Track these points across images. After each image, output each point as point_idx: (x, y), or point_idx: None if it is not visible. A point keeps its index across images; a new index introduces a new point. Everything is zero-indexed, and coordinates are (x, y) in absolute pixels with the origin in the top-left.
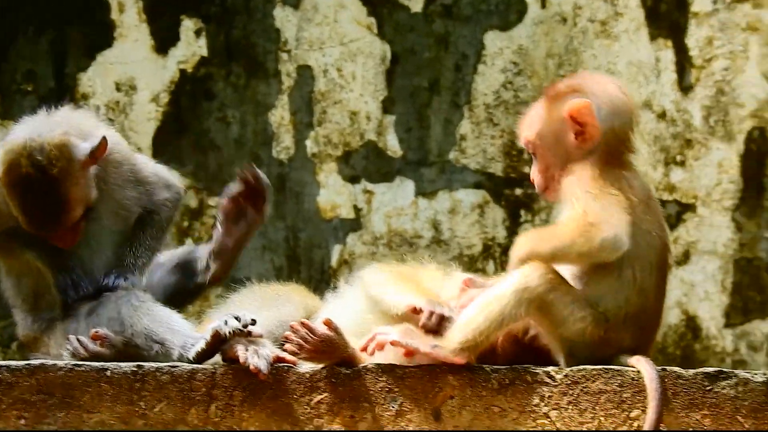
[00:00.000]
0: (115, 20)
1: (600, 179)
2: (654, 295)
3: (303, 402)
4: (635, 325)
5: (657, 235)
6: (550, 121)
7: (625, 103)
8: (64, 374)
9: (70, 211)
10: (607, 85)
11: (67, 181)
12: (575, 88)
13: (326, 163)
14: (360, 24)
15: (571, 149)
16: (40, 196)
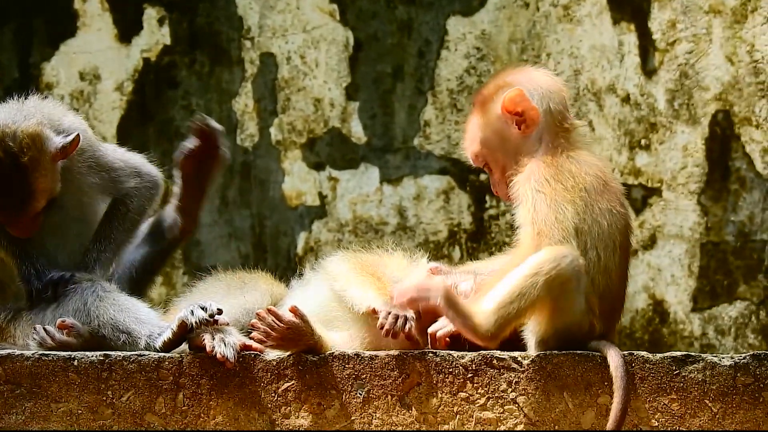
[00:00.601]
0: (78, 10)
1: (547, 171)
2: (618, 276)
3: (270, 390)
4: (602, 307)
5: (617, 212)
6: (488, 124)
7: (554, 83)
8: (31, 364)
9: (35, 201)
10: (532, 73)
11: (36, 171)
12: (501, 84)
13: (291, 150)
14: (323, 11)
15: (518, 142)
16: (7, 183)
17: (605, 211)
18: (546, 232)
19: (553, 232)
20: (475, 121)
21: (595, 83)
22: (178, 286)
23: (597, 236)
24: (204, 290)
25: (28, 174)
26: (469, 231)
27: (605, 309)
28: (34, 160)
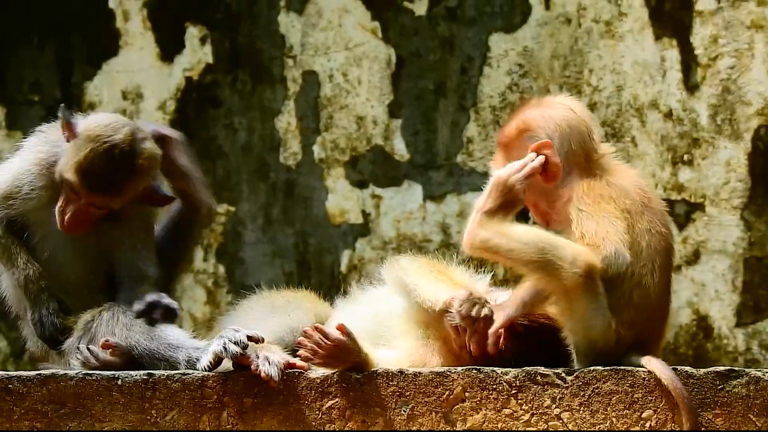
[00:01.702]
0: (120, 28)
1: (588, 195)
2: (657, 294)
3: (314, 407)
4: (641, 323)
5: (656, 232)
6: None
7: (574, 118)
8: (75, 384)
9: (121, 192)
10: (552, 110)
11: (138, 175)
12: (522, 128)
13: (334, 168)
14: (364, 28)
15: (543, 186)
16: (115, 163)
17: (644, 231)
18: (597, 243)
19: (605, 243)
20: (499, 161)
21: (638, 99)
22: (222, 305)
23: (635, 256)
24: (248, 309)
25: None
26: None
27: (644, 324)
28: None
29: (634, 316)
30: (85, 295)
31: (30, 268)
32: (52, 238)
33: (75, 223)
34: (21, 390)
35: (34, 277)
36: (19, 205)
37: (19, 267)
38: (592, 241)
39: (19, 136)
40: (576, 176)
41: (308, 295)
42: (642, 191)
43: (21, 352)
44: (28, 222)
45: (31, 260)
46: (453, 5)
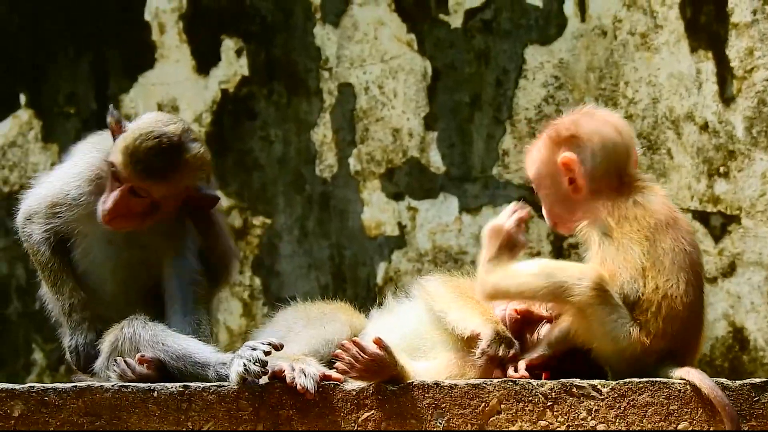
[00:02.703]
0: (156, 41)
1: (612, 217)
2: (687, 305)
3: (350, 420)
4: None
5: (681, 250)
6: (548, 164)
7: (618, 141)
8: (111, 396)
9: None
10: (602, 126)
11: (184, 168)
12: (573, 132)
13: (369, 180)
14: (400, 41)
15: (568, 193)
16: (162, 152)
17: (669, 249)
18: (615, 271)
19: (622, 271)
20: (539, 150)
21: (674, 111)
22: (258, 317)
23: (658, 272)
24: (283, 321)
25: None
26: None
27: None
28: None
29: (663, 328)
30: (122, 306)
31: (75, 297)
32: (94, 248)
33: (115, 211)
34: (57, 402)
35: (78, 306)
36: (65, 213)
37: (64, 295)
38: (612, 268)
39: (55, 148)
40: (604, 196)
41: (343, 307)
42: (669, 210)
43: (57, 364)
44: (73, 231)
45: (77, 288)
46: (488, 18)
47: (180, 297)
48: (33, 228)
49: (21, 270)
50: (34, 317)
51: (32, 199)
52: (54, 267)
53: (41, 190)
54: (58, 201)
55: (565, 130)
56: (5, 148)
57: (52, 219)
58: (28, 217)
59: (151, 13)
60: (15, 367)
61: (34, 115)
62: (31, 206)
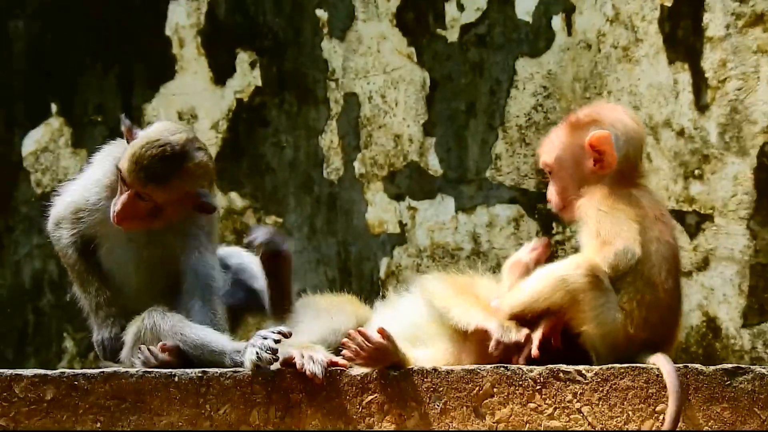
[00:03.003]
0: (176, 55)
1: (610, 198)
2: (669, 296)
3: (355, 402)
4: (653, 324)
5: (665, 241)
6: (571, 147)
7: (637, 132)
8: (136, 381)
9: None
10: (623, 116)
11: (184, 176)
12: (595, 118)
13: (373, 182)
14: (401, 53)
15: (588, 174)
16: (163, 157)
17: (654, 238)
18: (610, 240)
19: (617, 240)
20: (560, 136)
21: (653, 118)
22: None
23: (645, 258)
24: (294, 312)
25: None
26: None
27: (656, 325)
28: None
29: (646, 316)
30: (145, 300)
31: (101, 296)
32: (117, 248)
33: (124, 214)
34: (86, 386)
35: (104, 304)
36: (87, 218)
37: (91, 293)
38: (606, 237)
39: (84, 153)
40: (610, 179)
41: (350, 299)
42: (657, 206)
43: (86, 352)
44: (96, 234)
45: (102, 287)
46: (482, 32)
47: (198, 290)
48: (61, 233)
49: (53, 266)
50: (66, 309)
51: (59, 206)
52: (81, 268)
53: (66, 198)
54: (80, 207)
55: (587, 117)
56: (38, 153)
57: (77, 224)
58: (56, 223)
59: (171, 29)
60: (48, 354)
61: (65, 123)
62: (58, 212)
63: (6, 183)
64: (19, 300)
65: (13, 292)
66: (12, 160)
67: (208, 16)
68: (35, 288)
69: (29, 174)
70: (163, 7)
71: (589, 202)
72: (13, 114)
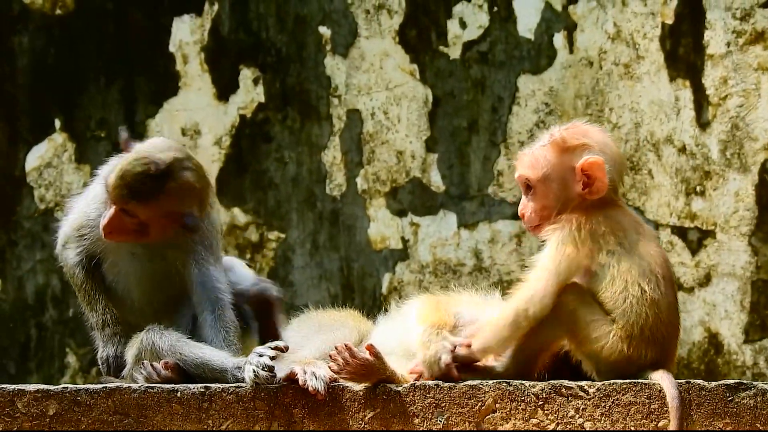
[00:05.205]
0: (179, 71)
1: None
2: (666, 306)
3: (358, 418)
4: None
5: (654, 252)
6: (559, 168)
7: (621, 156)
8: (138, 396)
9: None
10: (608, 140)
11: (171, 195)
12: (585, 142)
13: (375, 198)
14: (404, 70)
15: (573, 196)
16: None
17: (644, 253)
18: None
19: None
20: (547, 155)
21: (654, 135)
22: None
23: (638, 274)
24: (296, 327)
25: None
26: None
27: (658, 338)
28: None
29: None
30: (150, 315)
31: (107, 314)
32: (119, 263)
33: (110, 227)
34: (88, 402)
35: (110, 322)
36: (89, 234)
37: (98, 312)
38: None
39: (88, 168)
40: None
41: (352, 314)
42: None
43: (89, 367)
44: (99, 250)
45: (109, 306)
46: (485, 50)
47: (207, 304)
48: (68, 253)
49: (56, 280)
50: (68, 324)
51: (65, 226)
52: (88, 287)
53: (71, 216)
54: (83, 224)
55: (576, 139)
56: (41, 168)
57: (81, 241)
58: (63, 244)
59: (175, 45)
60: (50, 369)
61: (68, 138)
62: (65, 233)
63: (9, 198)
64: (22, 315)
65: (16, 306)
66: (15, 175)
67: (212, 33)
68: (38, 303)
69: (33, 189)
70: (167, 24)
71: (559, 228)
72: (17, 129)
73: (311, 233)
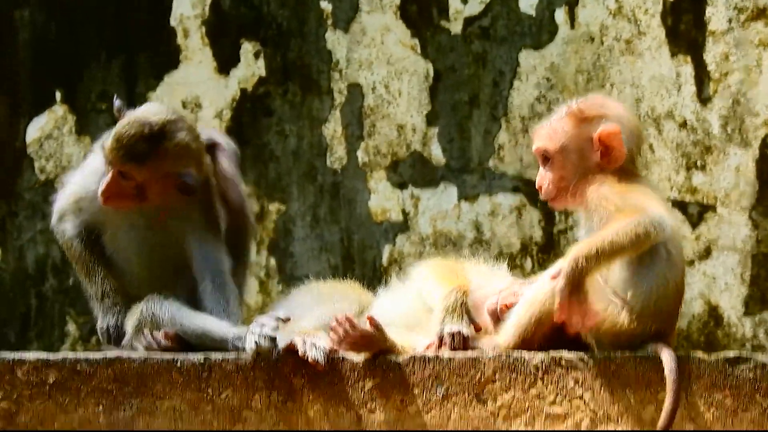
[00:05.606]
0: (180, 45)
1: (620, 184)
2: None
3: (357, 388)
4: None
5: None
6: (576, 138)
7: (639, 128)
8: (138, 365)
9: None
10: (625, 111)
11: (167, 155)
12: (603, 112)
13: (376, 171)
14: (404, 45)
15: (591, 167)
16: (140, 136)
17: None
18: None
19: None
20: (564, 125)
21: (655, 110)
22: (273, 295)
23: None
24: (297, 298)
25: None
26: (540, 244)
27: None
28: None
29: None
30: (150, 286)
31: (106, 285)
32: (120, 234)
33: (108, 192)
34: (88, 370)
35: (109, 292)
36: (89, 207)
37: (96, 283)
38: (634, 209)
39: (88, 141)
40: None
41: (352, 286)
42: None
43: (89, 336)
44: (99, 222)
45: (107, 276)
46: (486, 25)
47: (207, 273)
48: (65, 226)
49: (56, 251)
50: (68, 293)
51: (61, 199)
52: (86, 259)
53: (68, 190)
54: (81, 196)
55: (593, 110)
56: (42, 140)
57: (80, 214)
58: (60, 217)
59: (176, 19)
60: (51, 338)
61: (69, 111)
62: (61, 206)
63: (10, 169)
64: (22, 284)
65: (17, 276)
66: (16, 146)
67: (213, 7)
68: (38, 273)
69: (33, 161)
70: None
71: (600, 188)
72: (18, 101)
73: (312, 206)
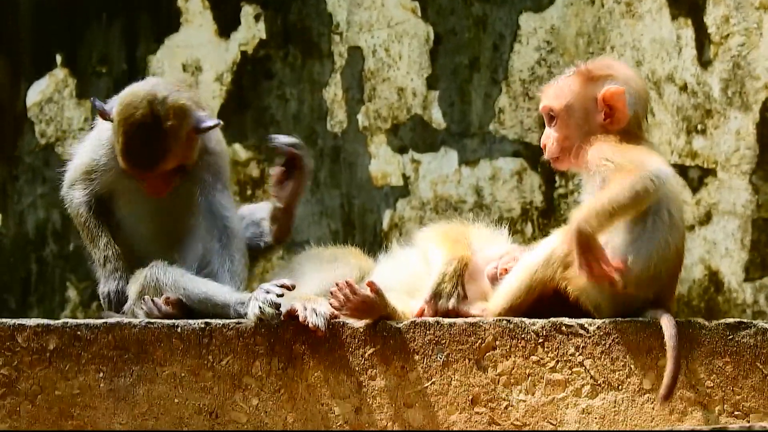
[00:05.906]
0: (180, 7)
1: (621, 144)
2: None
3: (358, 354)
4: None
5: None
6: (582, 98)
7: (646, 91)
8: (138, 331)
9: (165, 162)
10: (634, 74)
11: (173, 138)
12: (609, 73)
13: (376, 135)
14: (405, 8)
15: (595, 127)
16: (146, 140)
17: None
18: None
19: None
20: (570, 84)
21: (655, 73)
22: (274, 260)
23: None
24: (298, 264)
25: (167, 138)
26: (541, 209)
27: (662, 277)
28: (175, 128)
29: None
30: (157, 250)
31: (110, 250)
32: (132, 201)
33: (155, 191)
34: (89, 337)
35: (112, 258)
36: (99, 177)
37: (99, 248)
38: (633, 166)
39: (88, 104)
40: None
41: (353, 251)
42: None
43: (89, 301)
44: (110, 190)
45: (111, 242)
46: None
47: (215, 231)
48: (74, 194)
49: (57, 215)
50: (69, 258)
51: (72, 169)
52: (91, 224)
53: (77, 161)
54: (92, 168)
55: (600, 70)
56: (42, 103)
57: (90, 184)
58: (70, 186)
59: None
60: (51, 304)
61: (70, 74)
62: (71, 176)
63: (10, 133)
64: (23, 250)
65: (17, 241)
66: (17, 110)
67: None
68: (39, 238)
69: (33, 124)
70: None
71: (602, 148)
72: (19, 64)
73: (312, 170)
